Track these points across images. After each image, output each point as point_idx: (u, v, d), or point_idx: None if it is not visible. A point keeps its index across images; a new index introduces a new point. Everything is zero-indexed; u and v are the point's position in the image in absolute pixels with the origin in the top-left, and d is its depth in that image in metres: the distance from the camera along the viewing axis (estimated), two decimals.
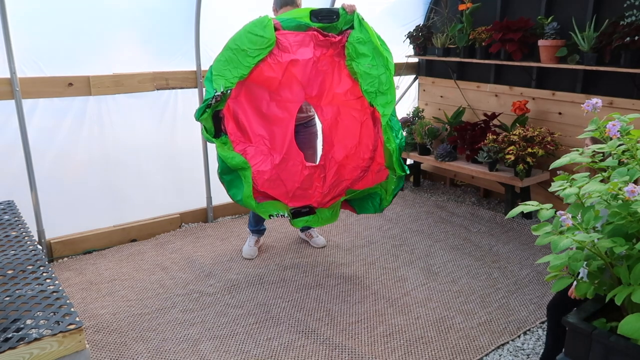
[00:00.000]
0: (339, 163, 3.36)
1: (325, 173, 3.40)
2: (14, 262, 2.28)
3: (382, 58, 3.06)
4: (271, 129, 3.25)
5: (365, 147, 3.31)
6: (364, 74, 3.08)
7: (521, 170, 4.07)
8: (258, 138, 3.21)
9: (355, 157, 3.34)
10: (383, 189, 3.34)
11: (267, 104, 3.20)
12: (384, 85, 3.07)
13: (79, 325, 1.83)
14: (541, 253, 3.65)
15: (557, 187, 1.89)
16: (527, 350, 2.67)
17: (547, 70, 4.32)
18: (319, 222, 3.37)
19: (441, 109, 5.26)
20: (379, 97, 3.08)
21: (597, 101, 1.94)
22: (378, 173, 3.30)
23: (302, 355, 2.62)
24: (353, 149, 3.34)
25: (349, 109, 3.30)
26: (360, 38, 3.07)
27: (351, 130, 3.33)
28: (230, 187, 3.16)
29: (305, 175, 3.34)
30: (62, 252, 3.69)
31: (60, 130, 3.60)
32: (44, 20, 3.36)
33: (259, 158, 3.19)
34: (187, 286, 3.31)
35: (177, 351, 2.65)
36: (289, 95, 3.21)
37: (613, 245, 1.65)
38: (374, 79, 3.07)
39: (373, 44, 3.06)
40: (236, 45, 2.95)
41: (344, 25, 3.12)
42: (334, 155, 3.38)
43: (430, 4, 5.25)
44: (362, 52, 3.07)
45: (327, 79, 3.24)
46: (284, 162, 3.26)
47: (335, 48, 3.15)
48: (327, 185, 3.39)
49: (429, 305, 3.09)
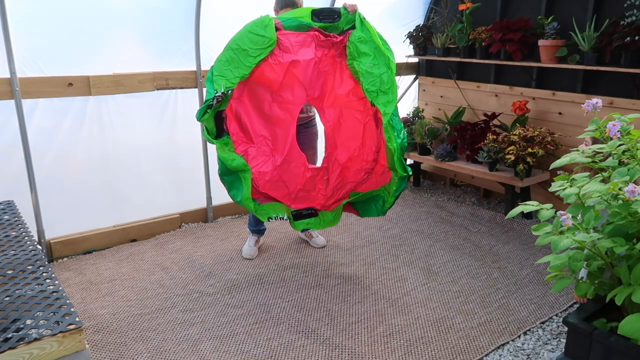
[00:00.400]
0: (343, 165, 3.35)
1: (329, 175, 3.40)
2: (14, 262, 2.29)
3: (383, 57, 3.05)
4: (273, 130, 3.24)
5: (368, 148, 3.30)
6: (366, 73, 3.06)
7: (521, 170, 4.07)
8: (260, 138, 3.21)
9: (358, 159, 3.33)
10: (386, 192, 3.33)
11: (269, 105, 3.20)
12: (385, 84, 3.06)
13: (78, 325, 1.83)
14: (541, 253, 3.65)
15: (557, 187, 1.89)
16: (527, 350, 2.66)
17: (547, 70, 4.32)
18: (320, 225, 3.37)
19: (441, 109, 5.26)
20: (380, 96, 3.07)
21: (597, 101, 1.94)
22: (382, 175, 3.29)
23: (302, 355, 2.62)
24: (356, 150, 3.33)
25: (351, 110, 3.29)
26: (362, 37, 3.06)
27: (354, 131, 3.32)
28: (231, 188, 3.16)
29: (308, 177, 3.34)
30: (62, 252, 3.69)
31: (60, 130, 3.60)
32: (44, 20, 3.36)
33: (260, 159, 3.19)
34: (187, 286, 3.31)
35: (177, 351, 2.65)
36: (290, 97, 3.20)
37: (613, 245, 1.65)
38: (376, 77, 3.05)
39: (374, 43, 3.05)
40: (237, 45, 2.95)
41: (346, 25, 3.11)
42: (337, 157, 3.37)
43: (430, 4, 5.25)
44: (363, 51, 3.06)
45: (328, 80, 3.23)
46: (285, 163, 3.26)
47: (336, 48, 3.15)
48: (330, 187, 3.38)
49: (429, 305, 3.09)
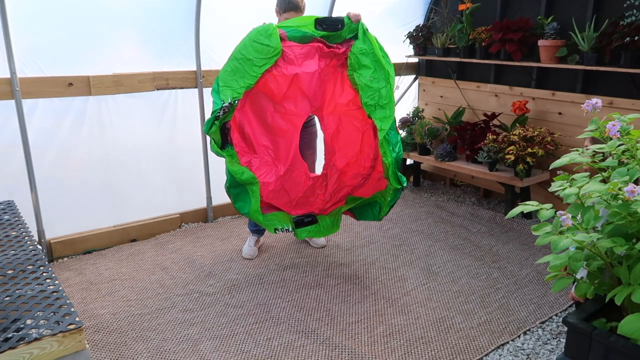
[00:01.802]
0: (340, 170, 3.39)
1: (327, 180, 3.43)
2: (14, 262, 2.29)
3: (383, 71, 3.07)
4: (275, 140, 3.27)
5: (366, 155, 3.35)
6: (365, 87, 3.08)
7: (521, 170, 4.07)
8: (262, 148, 3.24)
9: (356, 164, 3.36)
10: (383, 198, 3.37)
11: (272, 115, 3.21)
12: (383, 99, 3.09)
13: (79, 325, 1.83)
14: (541, 253, 3.65)
15: (557, 187, 1.89)
16: (527, 350, 2.67)
17: (547, 70, 4.32)
18: (321, 233, 3.43)
19: (441, 109, 5.27)
20: (377, 111, 3.09)
21: (597, 101, 1.94)
22: (378, 181, 3.34)
23: (302, 355, 2.62)
24: (354, 157, 3.37)
25: (350, 118, 3.32)
26: (364, 49, 3.08)
27: (352, 139, 3.36)
28: (236, 200, 3.19)
29: (309, 185, 3.39)
30: (62, 252, 3.69)
31: (60, 130, 3.60)
32: (44, 20, 3.36)
33: (263, 169, 3.22)
34: (187, 286, 3.31)
35: (177, 351, 2.65)
36: (293, 109, 3.22)
37: (613, 245, 1.65)
38: (375, 92, 3.08)
39: (375, 56, 3.07)
40: (242, 55, 2.95)
41: (348, 34, 3.13)
42: (335, 163, 3.40)
43: (430, 4, 5.25)
44: (364, 63, 3.08)
45: (329, 88, 3.25)
46: (288, 172, 3.30)
47: (339, 59, 3.17)
48: (328, 192, 3.42)
49: (429, 305, 3.09)
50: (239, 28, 3.67)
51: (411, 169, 5.33)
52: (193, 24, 3.93)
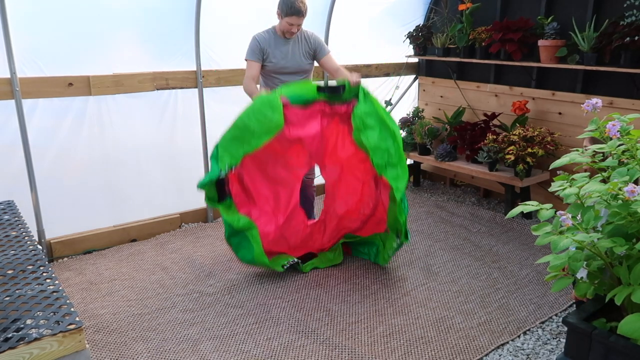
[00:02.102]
0: (340, 216, 3.49)
1: (325, 226, 3.54)
2: (14, 262, 2.29)
3: (388, 130, 3.10)
4: (276, 189, 3.31)
5: (366, 204, 3.45)
6: (375, 148, 3.08)
7: (521, 170, 4.07)
8: (262, 198, 3.27)
9: (355, 211, 3.48)
10: (381, 241, 3.46)
11: (273, 166, 3.25)
12: (393, 157, 3.09)
13: (79, 325, 1.83)
14: (541, 253, 3.65)
15: (557, 187, 1.89)
16: (527, 350, 2.67)
17: (547, 70, 4.32)
18: (324, 263, 3.51)
19: (441, 109, 5.27)
20: (389, 170, 3.09)
21: (597, 101, 1.94)
22: (377, 224, 3.45)
23: (302, 355, 2.62)
24: (354, 205, 3.46)
25: (352, 169, 3.39)
26: (367, 110, 3.10)
27: (353, 188, 3.44)
28: (238, 250, 3.22)
29: (307, 233, 3.49)
30: (62, 252, 3.69)
31: (60, 130, 3.60)
32: (44, 20, 3.36)
33: (263, 220, 3.27)
34: (187, 286, 3.31)
35: (177, 351, 2.65)
36: (295, 163, 3.30)
37: (613, 245, 1.65)
38: (384, 151, 3.08)
39: (379, 115, 3.10)
40: (243, 124, 2.97)
41: (350, 96, 3.17)
42: (335, 209, 3.49)
43: (430, 4, 5.25)
44: (369, 124, 3.09)
45: (330, 142, 3.33)
46: (287, 221, 3.37)
47: (341, 117, 3.24)
48: (327, 236, 3.55)
49: (429, 305, 3.09)
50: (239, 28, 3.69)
51: (411, 169, 5.31)
52: (193, 24, 3.93)
